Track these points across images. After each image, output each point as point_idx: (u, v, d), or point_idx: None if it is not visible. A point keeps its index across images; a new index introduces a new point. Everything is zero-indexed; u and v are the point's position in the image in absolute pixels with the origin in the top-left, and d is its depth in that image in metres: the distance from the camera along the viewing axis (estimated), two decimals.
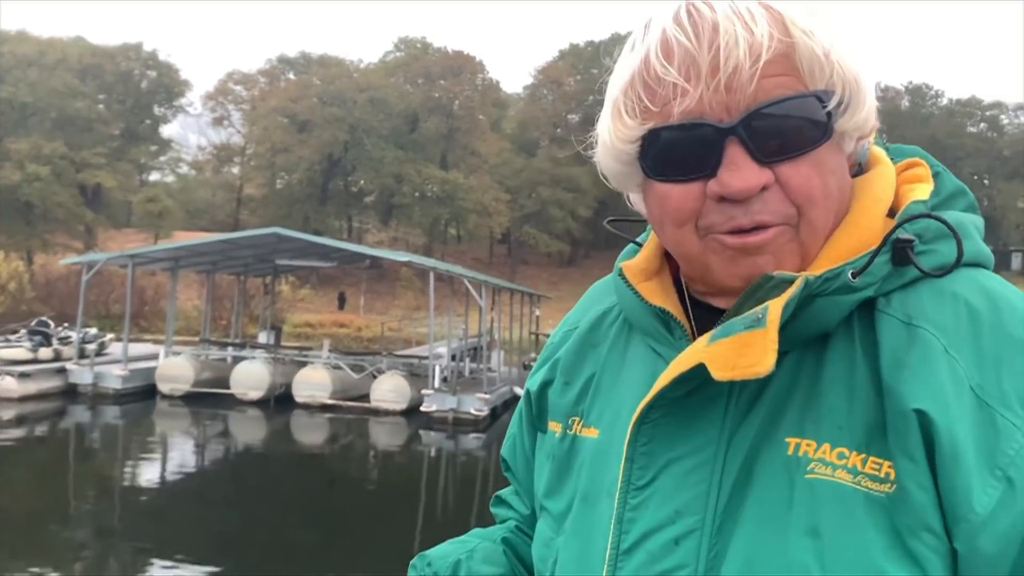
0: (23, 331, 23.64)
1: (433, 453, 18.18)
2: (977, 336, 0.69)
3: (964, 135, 67.81)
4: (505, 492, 1.13)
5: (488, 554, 1.02)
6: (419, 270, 29.98)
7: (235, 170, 62.43)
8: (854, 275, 0.71)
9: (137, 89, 58.42)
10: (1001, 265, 67.63)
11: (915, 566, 0.65)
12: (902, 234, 0.73)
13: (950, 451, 0.65)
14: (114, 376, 21.64)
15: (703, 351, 0.72)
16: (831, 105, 0.72)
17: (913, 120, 68.47)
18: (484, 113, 59.54)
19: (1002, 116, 70.73)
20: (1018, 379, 0.67)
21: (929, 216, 0.74)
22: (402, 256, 25.40)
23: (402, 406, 20.78)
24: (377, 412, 20.85)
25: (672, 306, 0.83)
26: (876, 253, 0.71)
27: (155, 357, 23.78)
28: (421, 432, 19.37)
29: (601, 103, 0.82)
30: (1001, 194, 64.01)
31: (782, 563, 0.68)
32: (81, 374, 21.79)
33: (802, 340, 0.74)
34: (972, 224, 0.79)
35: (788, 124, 0.72)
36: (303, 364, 22.60)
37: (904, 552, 0.65)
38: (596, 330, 0.95)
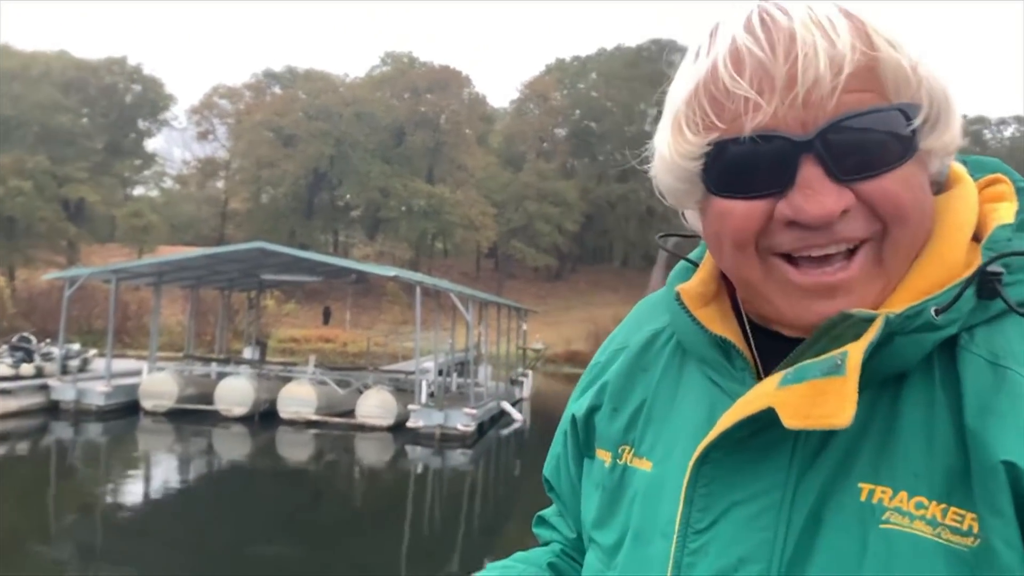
0: (4, 347, 23.34)
1: (420, 469, 18.05)
2: None
3: None
4: (548, 512, 1.08)
5: None
6: (405, 284, 29.90)
7: (220, 184, 62.27)
8: (937, 312, 0.65)
9: (121, 103, 58.22)
10: None
11: None
12: (991, 265, 0.67)
13: None
14: (97, 392, 21.41)
15: (773, 395, 0.67)
16: (917, 121, 0.67)
17: None
18: (471, 127, 59.67)
19: (985, 131, 71.61)
20: None
21: (1019, 254, 0.68)
22: (389, 271, 25.31)
23: (388, 422, 20.65)
24: (363, 428, 20.71)
25: (733, 334, 0.77)
26: (964, 288, 0.66)
27: (138, 373, 23.55)
28: (407, 448, 19.24)
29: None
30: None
31: None
32: (63, 390, 21.55)
33: (878, 379, 0.68)
34: None
35: (870, 138, 0.66)
36: (288, 380, 22.44)
37: None
38: (646, 352, 0.89)
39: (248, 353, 27.64)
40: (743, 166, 0.69)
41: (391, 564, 10.76)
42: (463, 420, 19.72)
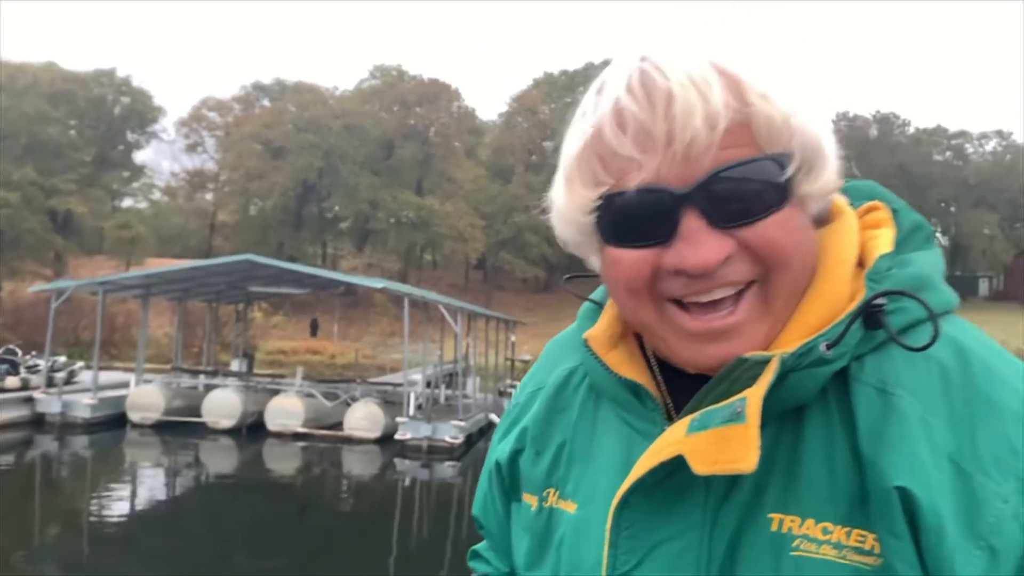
0: None
1: (407, 482, 18.01)
2: (949, 397, 0.68)
3: (931, 163, 69.11)
4: (481, 547, 1.10)
5: None
6: (394, 296, 29.87)
7: (208, 196, 62.15)
8: (828, 347, 0.69)
9: (110, 115, 58.08)
10: (968, 291, 68.65)
11: None
12: (876, 299, 0.70)
13: (933, 527, 0.64)
14: (83, 405, 21.27)
15: (682, 443, 0.70)
16: (790, 169, 0.70)
17: (881, 148, 69.66)
18: (460, 140, 59.83)
19: (967, 145, 72.25)
20: (992, 441, 0.65)
21: (904, 294, 0.71)
22: (377, 282, 25.29)
23: (376, 434, 20.60)
24: (351, 440, 20.65)
25: (641, 376, 0.81)
26: (850, 324, 0.69)
27: (125, 385, 23.43)
28: (395, 460, 19.20)
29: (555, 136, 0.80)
30: (967, 221, 65.21)
31: None
32: (49, 403, 21.41)
33: (778, 413, 0.71)
34: (935, 269, 0.77)
35: (746, 188, 0.69)
36: (276, 392, 22.37)
37: None
38: (562, 393, 0.92)
39: (236, 365, 27.55)
40: (631, 218, 0.72)
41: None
42: (451, 432, 19.69)
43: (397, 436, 20.05)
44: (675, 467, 0.71)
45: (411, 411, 20.42)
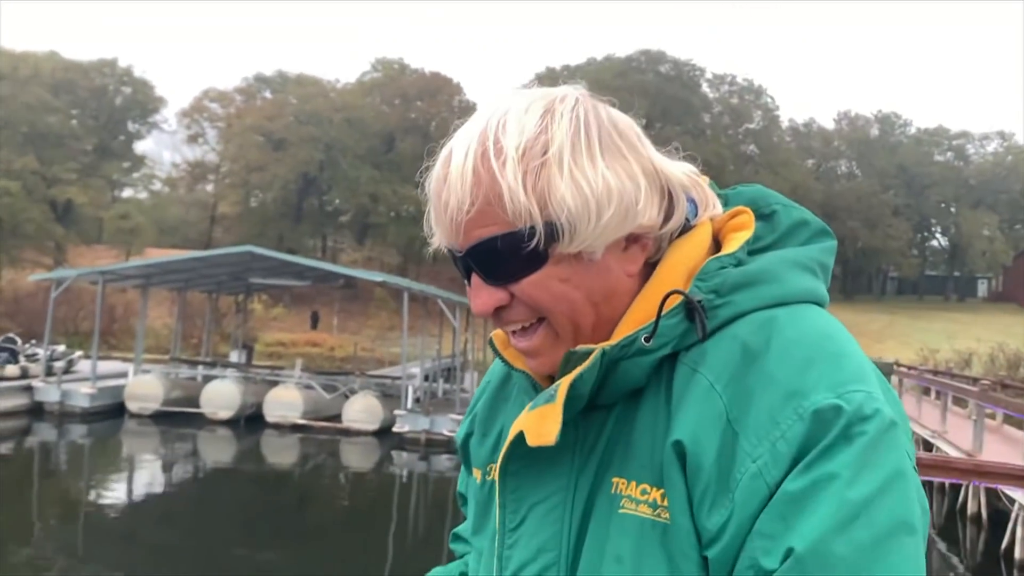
0: None
1: (405, 474, 18.08)
2: (745, 373, 0.77)
3: (931, 163, 69.02)
4: (461, 528, 1.23)
5: None
6: (393, 290, 29.89)
7: (209, 188, 62.01)
8: (647, 339, 0.81)
9: (111, 105, 57.97)
10: (967, 292, 68.65)
11: None
12: (695, 294, 0.82)
13: (696, 474, 0.75)
14: (82, 394, 21.32)
15: (523, 420, 0.85)
16: (535, 240, 0.81)
17: (882, 148, 69.62)
18: None
19: (968, 145, 72.13)
20: (760, 411, 0.74)
21: (680, 293, 0.82)
22: (377, 276, 25.33)
23: (374, 427, 20.66)
24: (349, 433, 20.71)
25: (530, 369, 0.94)
26: (658, 319, 0.81)
27: (124, 375, 23.48)
28: (393, 453, 19.26)
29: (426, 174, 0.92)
30: (967, 222, 65.12)
31: None
32: (48, 392, 21.46)
33: (622, 394, 0.84)
34: (789, 263, 0.86)
35: (496, 259, 0.83)
36: (274, 383, 22.42)
37: (679, 572, 0.75)
38: (505, 385, 1.06)
39: (235, 356, 27.60)
40: (454, 262, 0.88)
41: (376, 568, 10.79)
42: (449, 426, 19.76)
43: (395, 429, 20.12)
44: None
45: (409, 404, 20.48)
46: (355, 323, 48.06)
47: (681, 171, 0.89)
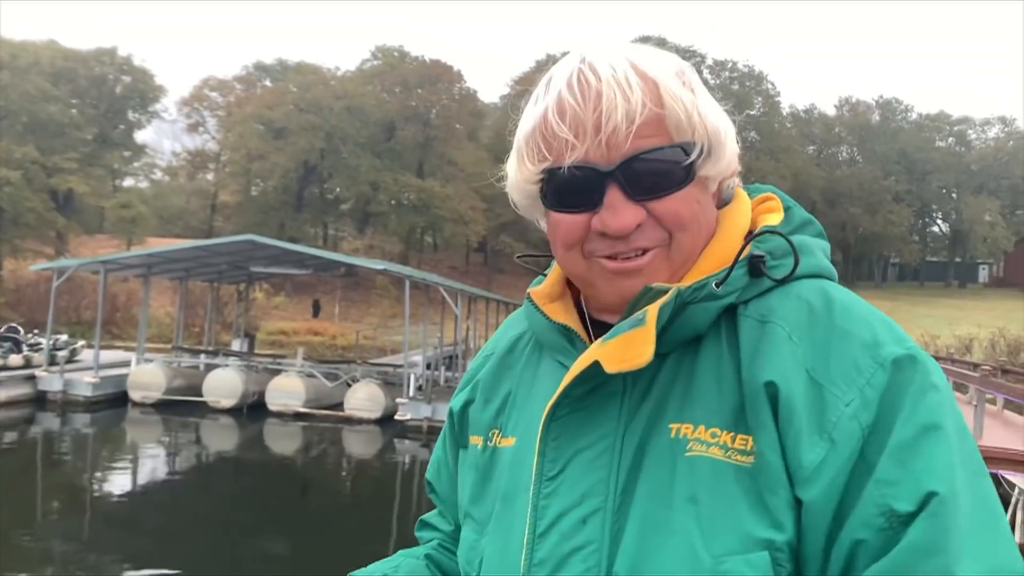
0: None
1: (407, 462, 18.14)
2: (813, 328, 0.83)
3: (932, 149, 68.84)
4: (429, 516, 1.26)
5: (412, 568, 1.15)
6: (395, 278, 29.91)
7: (210, 176, 61.92)
8: (717, 285, 0.85)
9: (111, 94, 57.80)
10: (968, 278, 68.57)
11: (773, 521, 0.77)
12: (755, 251, 0.88)
13: (788, 415, 0.78)
14: (85, 383, 21.38)
15: (597, 351, 0.85)
16: (693, 155, 0.86)
17: (883, 134, 69.40)
18: (461, 122, 59.57)
19: (969, 131, 71.95)
20: (841, 361, 0.80)
21: (775, 233, 0.89)
22: (378, 264, 25.34)
23: (376, 415, 20.71)
24: (351, 421, 20.76)
25: (573, 323, 0.96)
26: (733, 266, 0.86)
27: (127, 364, 23.53)
28: (395, 441, 19.32)
29: (515, 111, 0.95)
30: (968, 208, 64.98)
31: (668, 528, 0.80)
32: (51, 381, 21.52)
33: (680, 342, 0.87)
34: (817, 246, 0.94)
35: (658, 168, 0.86)
36: (276, 372, 22.47)
37: (765, 510, 0.78)
38: (511, 353, 1.07)
39: (237, 345, 27.64)
40: (566, 189, 0.88)
41: (379, 555, 10.84)
42: None
43: (397, 416, 20.17)
44: (596, 383, 0.87)
45: (411, 392, 20.53)
46: (357, 311, 48.09)
47: None
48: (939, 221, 73.15)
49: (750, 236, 0.92)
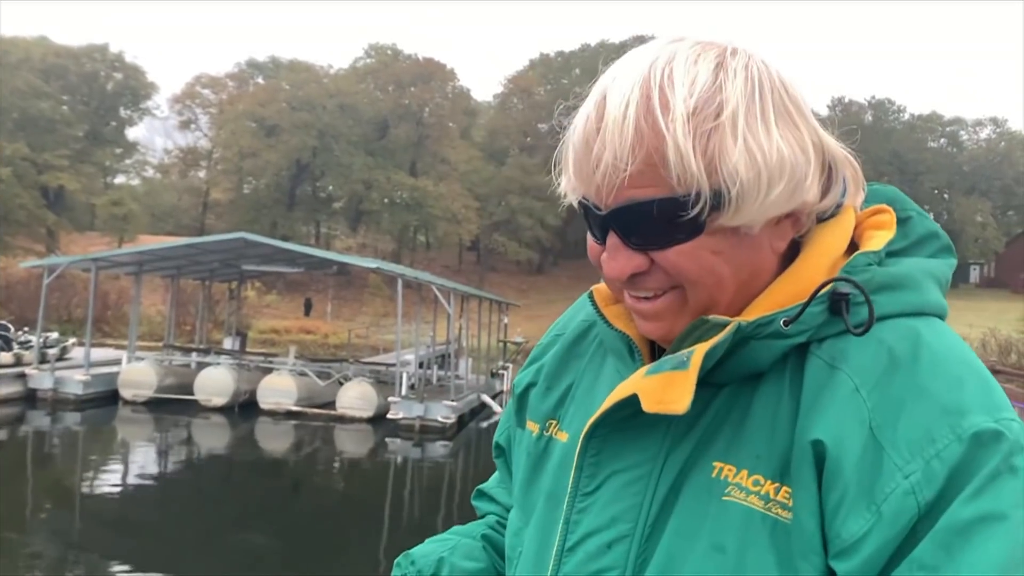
0: None
1: (400, 461, 18.11)
2: (890, 380, 0.73)
3: (925, 150, 69.11)
4: (487, 485, 1.19)
5: (469, 550, 1.08)
6: (387, 277, 29.86)
7: (202, 174, 61.84)
8: (786, 323, 0.76)
9: (102, 91, 57.64)
10: (959, 278, 68.88)
11: None
12: (841, 287, 0.77)
13: (834, 477, 0.71)
14: (75, 381, 21.28)
15: (639, 382, 0.80)
16: (696, 209, 0.74)
17: (876, 135, 69.59)
18: (454, 121, 59.61)
19: (961, 132, 72.26)
20: (913, 426, 0.70)
21: (847, 280, 0.77)
22: (370, 263, 25.29)
23: (368, 413, 20.67)
24: (343, 419, 20.72)
25: (632, 331, 0.89)
26: (808, 303, 0.77)
27: (118, 362, 23.42)
28: (388, 440, 19.28)
29: (569, 112, 0.84)
30: (960, 208, 65.31)
31: (691, 572, 0.76)
32: (41, 379, 21.40)
33: (738, 376, 0.80)
34: (925, 274, 0.83)
35: (647, 223, 0.77)
36: (268, 371, 22.40)
37: (793, 572, 0.71)
38: (581, 341, 1.02)
39: (228, 344, 27.55)
40: (586, 218, 0.83)
41: (370, 554, 10.83)
42: (443, 412, 19.79)
43: (390, 415, 20.13)
44: (638, 408, 0.80)
45: (404, 391, 20.49)
46: (349, 310, 48.06)
47: (837, 144, 0.84)
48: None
49: (849, 256, 0.82)
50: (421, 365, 22.85)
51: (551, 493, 0.91)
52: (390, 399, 20.37)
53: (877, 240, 0.84)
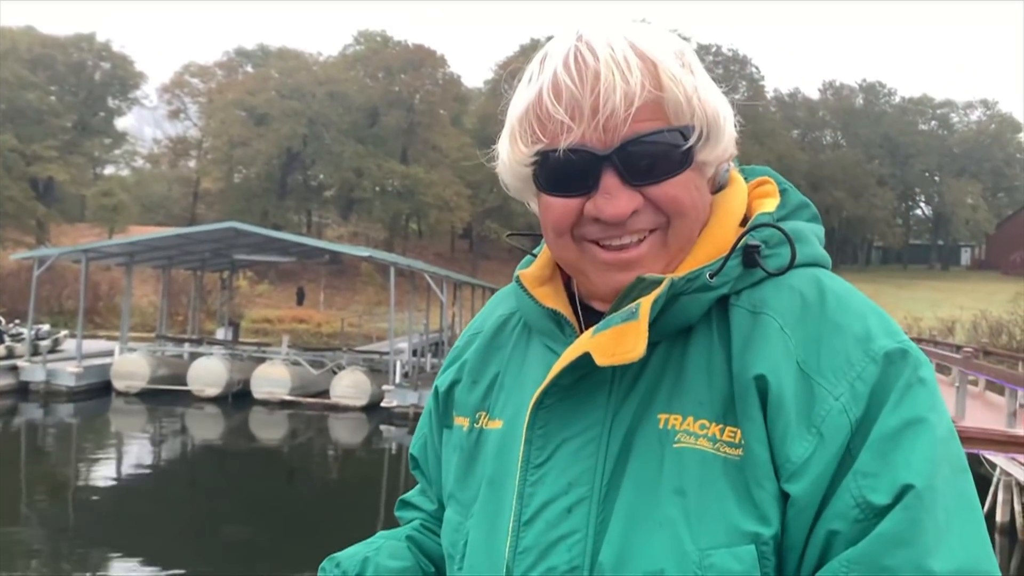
0: None
1: (394, 449, 18.13)
2: (805, 319, 0.82)
3: (916, 132, 69.23)
4: (410, 495, 1.22)
5: (394, 550, 1.10)
6: (380, 265, 29.85)
7: (192, 164, 61.48)
8: (711, 276, 0.84)
9: (90, 81, 57.20)
10: (950, 260, 69.15)
11: (760, 514, 0.77)
12: (750, 241, 0.86)
13: (777, 409, 0.78)
14: (67, 373, 21.23)
15: (588, 342, 0.84)
16: (692, 139, 0.84)
17: (867, 117, 69.68)
18: (445, 108, 59.33)
19: (952, 114, 72.39)
20: (832, 355, 0.80)
21: (771, 225, 0.87)
22: (363, 251, 25.25)
23: (362, 402, 20.69)
24: (337, 408, 20.74)
25: (563, 308, 0.94)
26: (728, 257, 0.85)
27: (110, 354, 23.38)
28: (382, 428, 19.31)
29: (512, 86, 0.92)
30: (950, 190, 65.49)
31: (655, 520, 0.80)
32: (33, 371, 21.35)
33: (670, 332, 0.86)
34: (811, 232, 0.93)
35: (655, 151, 0.83)
36: (261, 360, 22.39)
37: (752, 504, 0.78)
38: (500, 333, 1.05)
39: (221, 334, 27.50)
40: (560, 172, 0.86)
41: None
42: None
43: (383, 404, 20.16)
44: (584, 372, 0.85)
45: (397, 379, 20.51)
46: (342, 299, 47.97)
47: None
48: (922, 204, 73.62)
49: (746, 223, 0.91)
50: (415, 353, 22.87)
51: (492, 479, 0.93)
52: (384, 387, 20.38)
53: (768, 204, 0.93)
